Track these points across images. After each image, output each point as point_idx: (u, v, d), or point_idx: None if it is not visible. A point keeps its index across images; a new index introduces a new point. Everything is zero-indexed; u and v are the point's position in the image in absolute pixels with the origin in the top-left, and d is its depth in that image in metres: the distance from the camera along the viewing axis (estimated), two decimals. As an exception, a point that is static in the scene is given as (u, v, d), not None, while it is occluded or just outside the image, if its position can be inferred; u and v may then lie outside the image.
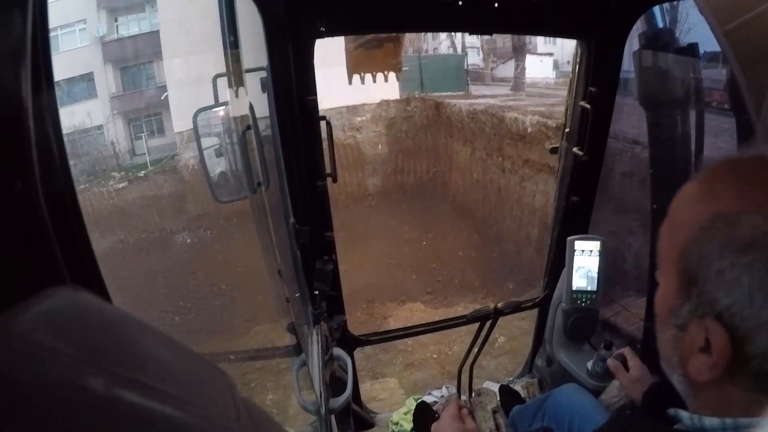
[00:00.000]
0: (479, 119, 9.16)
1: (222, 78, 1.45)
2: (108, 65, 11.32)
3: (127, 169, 10.33)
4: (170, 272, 7.45)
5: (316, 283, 1.46)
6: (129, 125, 11.62)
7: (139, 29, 11.28)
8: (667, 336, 0.44)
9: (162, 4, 10.10)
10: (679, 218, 0.43)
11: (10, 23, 0.27)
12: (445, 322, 1.97)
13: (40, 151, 0.30)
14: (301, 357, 1.27)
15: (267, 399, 3.95)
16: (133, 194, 9.40)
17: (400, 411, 1.91)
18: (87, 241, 0.43)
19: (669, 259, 0.43)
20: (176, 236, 8.90)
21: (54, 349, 0.21)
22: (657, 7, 1.52)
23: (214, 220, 8.34)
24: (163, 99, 10.22)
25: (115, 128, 11.26)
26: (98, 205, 8.90)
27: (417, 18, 1.35)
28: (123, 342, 0.24)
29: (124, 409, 0.21)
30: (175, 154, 9.92)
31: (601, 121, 1.55)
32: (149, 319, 2.81)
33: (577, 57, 1.55)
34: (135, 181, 9.76)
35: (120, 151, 10.98)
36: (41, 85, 0.35)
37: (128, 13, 11.40)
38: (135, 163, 10.85)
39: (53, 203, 0.32)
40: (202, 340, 5.48)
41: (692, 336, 0.41)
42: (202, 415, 0.23)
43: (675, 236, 0.43)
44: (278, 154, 1.37)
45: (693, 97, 1.61)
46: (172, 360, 0.26)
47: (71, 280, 0.33)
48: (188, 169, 9.12)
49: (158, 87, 10.85)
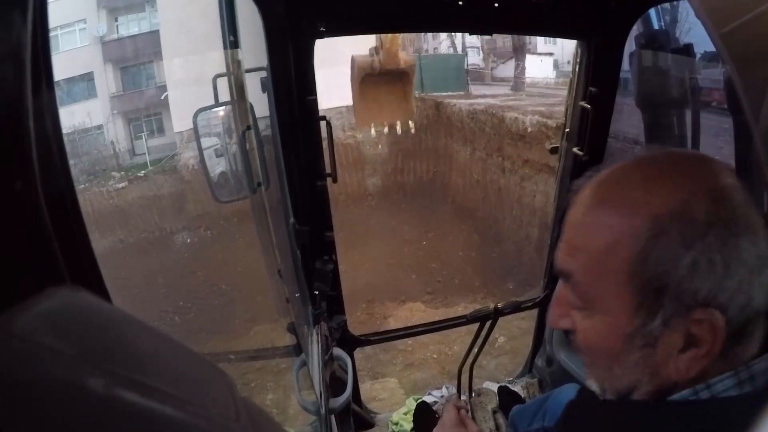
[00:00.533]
0: (479, 119, 9.16)
1: (222, 78, 1.45)
2: (108, 65, 11.32)
3: (127, 169, 10.33)
4: (170, 272, 7.45)
5: (316, 283, 1.46)
6: (129, 125, 11.62)
7: (139, 29, 11.28)
8: (627, 364, 0.43)
9: (162, 4, 10.10)
10: (603, 244, 0.42)
11: (10, 23, 0.27)
12: (445, 322, 1.97)
13: (40, 151, 0.30)
14: (301, 357, 1.27)
15: (267, 399, 3.95)
16: (133, 194, 9.41)
17: (400, 411, 1.91)
18: (87, 241, 0.43)
19: (609, 287, 0.42)
20: (176, 236, 8.90)
21: (54, 349, 0.21)
22: (654, 9, 1.52)
23: (214, 220, 8.35)
24: (163, 99, 10.22)
25: (115, 128, 11.26)
26: (98, 205, 8.90)
27: (417, 18, 1.35)
28: (123, 342, 0.24)
29: (124, 409, 0.21)
30: (175, 153, 9.92)
31: (601, 121, 1.55)
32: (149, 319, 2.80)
33: (577, 57, 1.55)
34: (135, 180, 9.76)
35: (120, 151, 10.98)
36: (41, 85, 0.35)
37: (128, 13, 11.40)
38: (135, 163, 10.85)
39: (53, 203, 0.32)
40: (202, 340, 5.48)
41: (668, 343, 0.40)
42: (202, 415, 0.23)
43: (610, 262, 0.41)
44: (278, 154, 1.37)
45: (689, 97, 1.61)
46: (172, 360, 0.26)
47: (71, 280, 0.33)
48: (188, 169, 9.13)
49: (158, 87, 10.85)
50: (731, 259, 0.37)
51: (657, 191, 0.40)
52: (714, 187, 0.39)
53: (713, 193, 0.39)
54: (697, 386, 0.40)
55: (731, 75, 0.57)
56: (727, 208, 0.38)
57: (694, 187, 0.39)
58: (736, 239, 0.37)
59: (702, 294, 0.38)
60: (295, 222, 1.40)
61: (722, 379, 0.39)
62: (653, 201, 0.39)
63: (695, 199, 0.38)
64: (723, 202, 0.38)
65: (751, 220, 0.39)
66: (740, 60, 0.56)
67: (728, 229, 0.37)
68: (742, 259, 0.37)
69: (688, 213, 0.38)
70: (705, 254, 0.37)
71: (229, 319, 6.20)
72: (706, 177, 0.40)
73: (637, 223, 0.40)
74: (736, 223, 0.38)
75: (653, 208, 0.39)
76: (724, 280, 0.37)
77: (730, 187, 0.39)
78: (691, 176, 0.40)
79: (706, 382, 0.40)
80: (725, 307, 0.38)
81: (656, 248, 0.39)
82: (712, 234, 0.37)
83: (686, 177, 0.40)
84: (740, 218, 0.38)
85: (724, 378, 0.39)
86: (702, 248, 0.37)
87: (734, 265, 0.37)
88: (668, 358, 0.40)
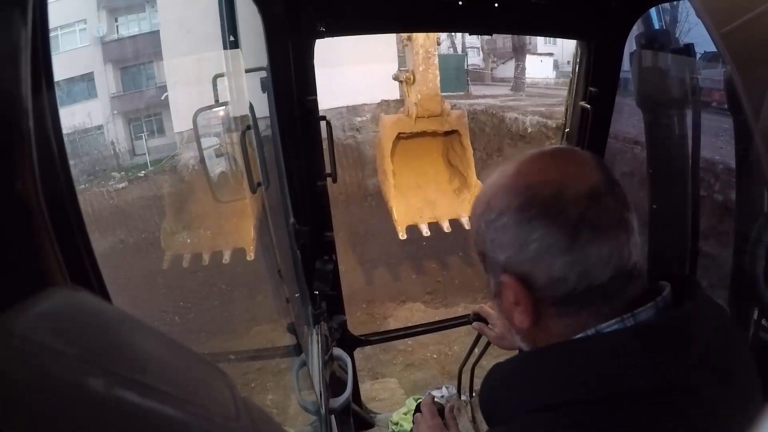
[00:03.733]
0: (479, 119, 9.14)
1: (222, 78, 1.45)
2: (108, 65, 11.30)
3: (128, 169, 10.30)
4: (170, 272, 7.44)
5: (316, 283, 1.46)
6: (129, 125, 11.60)
7: (140, 29, 11.27)
8: (495, 309, 0.56)
9: (162, 4, 10.08)
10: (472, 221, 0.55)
11: (10, 23, 0.27)
12: (445, 322, 1.97)
13: (40, 151, 0.30)
14: (301, 357, 1.27)
15: (267, 399, 3.95)
16: (133, 194, 9.38)
17: (400, 411, 1.91)
18: (87, 241, 0.43)
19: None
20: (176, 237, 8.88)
21: (54, 349, 0.21)
22: (654, 9, 1.53)
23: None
24: (163, 99, 10.20)
25: (115, 128, 11.24)
26: (98, 205, 8.87)
27: (417, 18, 1.35)
28: (123, 342, 0.24)
29: (124, 409, 0.21)
30: (176, 154, 9.89)
31: (601, 121, 1.55)
32: (149, 319, 2.78)
33: (577, 57, 1.55)
34: (135, 181, 9.73)
35: (120, 151, 10.95)
36: (41, 85, 0.35)
37: (128, 13, 11.38)
38: (135, 163, 10.82)
39: (53, 203, 0.32)
40: (202, 340, 5.47)
41: (505, 296, 0.50)
42: (202, 415, 0.23)
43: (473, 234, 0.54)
44: (278, 154, 1.37)
45: (690, 97, 1.61)
46: (172, 360, 0.26)
47: (71, 280, 0.33)
48: (188, 169, 9.10)
49: (158, 87, 10.83)
50: (517, 237, 0.47)
51: (484, 189, 0.53)
52: (520, 182, 0.49)
53: (514, 188, 0.49)
54: (587, 330, 0.48)
55: (731, 75, 0.57)
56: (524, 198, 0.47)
57: (504, 181, 0.50)
58: (528, 224, 0.46)
59: (502, 262, 0.49)
60: (295, 222, 1.40)
61: (610, 325, 0.47)
62: (480, 198, 0.52)
63: (495, 197, 0.50)
64: (524, 194, 0.47)
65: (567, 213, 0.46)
66: (740, 60, 0.56)
67: (519, 215, 0.47)
68: (531, 240, 0.46)
69: (492, 205, 0.50)
70: (499, 233, 0.49)
71: (229, 319, 6.18)
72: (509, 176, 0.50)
73: (475, 211, 0.53)
74: (529, 211, 0.46)
75: (480, 202, 0.52)
76: (518, 253, 0.47)
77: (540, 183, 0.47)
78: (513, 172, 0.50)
79: (595, 328, 0.47)
80: (524, 274, 0.48)
81: (478, 229, 0.52)
82: (503, 218, 0.48)
83: (496, 179, 0.51)
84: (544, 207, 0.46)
85: (611, 324, 0.47)
86: (496, 228, 0.49)
87: (520, 242, 0.47)
88: (511, 310, 0.50)
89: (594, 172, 0.48)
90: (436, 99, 2.56)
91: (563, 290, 0.47)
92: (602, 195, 0.46)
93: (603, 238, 0.46)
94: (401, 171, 2.61)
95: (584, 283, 0.46)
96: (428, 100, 2.53)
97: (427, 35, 3.06)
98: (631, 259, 0.47)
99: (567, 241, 0.45)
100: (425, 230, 3.36)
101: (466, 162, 2.88)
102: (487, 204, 0.50)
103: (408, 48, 3.33)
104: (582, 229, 0.45)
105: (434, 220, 3.28)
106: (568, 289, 0.46)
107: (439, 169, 3.08)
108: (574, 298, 0.47)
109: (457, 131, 2.65)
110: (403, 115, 2.56)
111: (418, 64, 2.71)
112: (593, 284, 0.46)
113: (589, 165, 0.49)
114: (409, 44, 3.25)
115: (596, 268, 0.46)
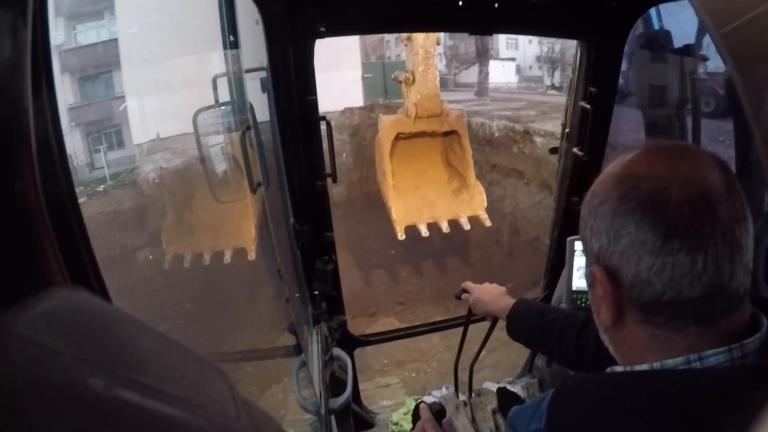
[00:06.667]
0: (445, 125, 8.97)
1: (222, 78, 1.45)
2: (65, 75, 10.88)
3: (86, 184, 9.88)
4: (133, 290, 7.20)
5: (316, 283, 1.46)
6: (87, 138, 11.12)
7: (98, 37, 10.88)
8: (590, 301, 0.53)
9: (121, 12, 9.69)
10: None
11: (10, 24, 0.27)
12: (445, 322, 1.98)
13: (40, 151, 0.30)
14: (301, 357, 1.27)
15: (267, 399, 3.94)
16: (92, 209, 9.07)
17: (400, 411, 1.91)
18: (87, 241, 0.43)
19: None
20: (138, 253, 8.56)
21: (54, 349, 0.21)
22: (654, 9, 1.53)
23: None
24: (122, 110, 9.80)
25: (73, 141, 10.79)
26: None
27: (417, 18, 1.35)
28: (123, 342, 0.24)
29: (124, 409, 0.21)
30: (135, 167, 9.46)
31: (601, 121, 1.55)
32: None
33: (577, 57, 1.55)
34: (94, 196, 9.38)
35: (78, 165, 10.48)
36: (41, 85, 0.35)
37: (87, 21, 10.99)
38: (94, 177, 10.37)
39: (53, 203, 0.32)
40: (199, 345, 5.41)
41: (595, 289, 0.49)
42: (202, 415, 0.23)
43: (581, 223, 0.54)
44: (278, 154, 1.37)
45: (690, 97, 1.61)
46: (172, 360, 0.26)
47: (71, 280, 0.33)
48: (148, 183, 8.78)
49: (117, 97, 10.38)
50: (611, 227, 0.46)
51: (607, 169, 0.50)
52: (626, 173, 0.47)
53: (619, 178, 0.47)
54: (654, 365, 0.45)
55: (731, 75, 0.57)
56: (626, 189, 0.46)
57: (614, 170, 0.48)
58: (624, 216, 0.45)
59: (595, 252, 0.48)
60: (295, 222, 1.40)
61: (715, 353, 0.43)
62: (599, 177, 0.51)
63: (596, 187, 0.49)
64: (626, 185, 0.46)
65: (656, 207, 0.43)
66: (740, 60, 0.56)
67: (617, 206, 0.45)
68: (623, 233, 0.45)
69: (594, 195, 0.49)
70: (596, 221, 0.48)
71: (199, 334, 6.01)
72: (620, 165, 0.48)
73: (589, 192, 0.51)
74: (627, 203, 0.45)
75: (595, 183, 0.51)
76: (607, 244, 0.46)
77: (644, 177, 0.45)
78: (626, 162, 0.48)
79: (698, 354, 0.43)
80: (612, 267, 0.46)
81: (585, 212, 0.51)
82: (601, 207, 0.47)
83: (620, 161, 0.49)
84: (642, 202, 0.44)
85: (718, 353, 0.43)
86: (595, 216, 0.48)
87: (612, 233, 0.46)
88: (600, 305, 0.48)
89: (711, 175, 0.43)
90: (436, 99, 2.58)
91: (648, 295, 0.44)
92: (713, 202, 0.42)
93: (700, 249, 0.41)
94: (400, 171, 2.61)
95: (671, 294, 0.43)
96: (428, 100, 2.54)
97: (426, 35, 3.07)
98: (732, 281, 0.42)
99: (658, 243, 0.42)
100: (424, 231, 3.37)
101: (466, 162, 2.89)
102: (594, 191, 0.50)
103: (407, 48, 3.34)
104: (677, 234, 0.42)
105: (433, 220, 3.28)
106: (653, 295, 0.43)
107: (438, 169, 3.09)
108: (660, 308, 0.44)
109: (456, 132, 2.66)
110: (403, 115, 2.58)
111: (417, 64, 2.72)
112: (680, 297, 0.42)
113: (707, 167, 0.44)
114: (409, 44, 3.26)
115: (686, 279, 0.42)
